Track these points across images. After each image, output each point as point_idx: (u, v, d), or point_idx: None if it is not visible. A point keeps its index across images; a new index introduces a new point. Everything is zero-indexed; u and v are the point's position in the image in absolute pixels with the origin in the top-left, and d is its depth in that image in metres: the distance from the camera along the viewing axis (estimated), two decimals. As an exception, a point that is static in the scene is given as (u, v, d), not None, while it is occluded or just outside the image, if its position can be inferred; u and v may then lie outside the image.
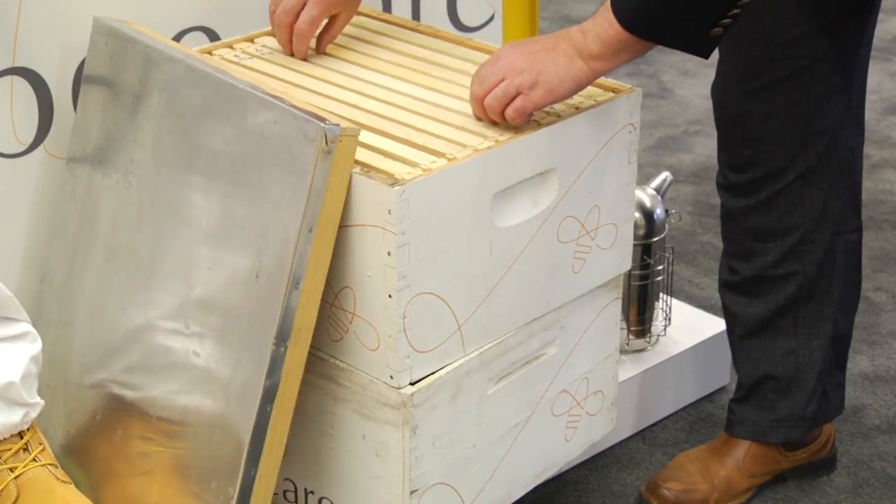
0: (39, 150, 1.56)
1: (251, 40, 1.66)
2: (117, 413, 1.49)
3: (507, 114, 1.39)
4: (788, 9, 1.57)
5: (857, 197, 1.71)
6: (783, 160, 1.64)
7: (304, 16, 1.57)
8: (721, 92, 1.68)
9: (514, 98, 1.38)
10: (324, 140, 1.28)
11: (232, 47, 1.64)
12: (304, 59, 1.60)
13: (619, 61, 1.38)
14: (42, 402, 1.46)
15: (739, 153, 1.67)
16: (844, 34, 1.59)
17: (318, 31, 1.61)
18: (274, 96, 1.34)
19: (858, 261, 1.74)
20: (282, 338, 1.32)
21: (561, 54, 1.38)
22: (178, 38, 1.65)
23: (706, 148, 2.85)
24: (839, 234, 1.69)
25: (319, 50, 1.62)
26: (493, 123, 1.41)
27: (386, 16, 1.73)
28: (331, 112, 1.42)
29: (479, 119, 1.43)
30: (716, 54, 1.62)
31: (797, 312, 1.72)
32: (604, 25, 1.36)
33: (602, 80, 1.50)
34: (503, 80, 1.38)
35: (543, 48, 1.39)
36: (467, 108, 1.45)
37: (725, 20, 1.35)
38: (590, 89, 1.50)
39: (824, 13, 1.57)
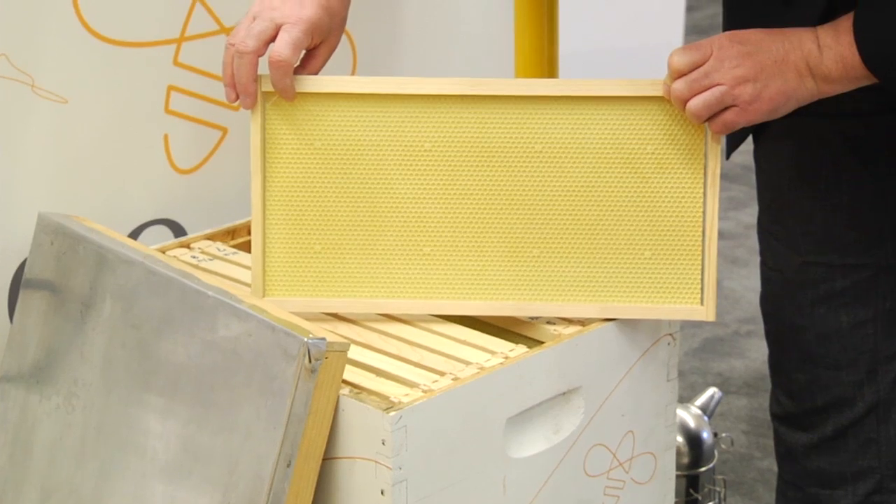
0: (-34, 368, 1.57)
1: (211, 238, 1.67)
2: None
3: (714, 126, 1.42)
4: (842, 206, 1.56)
5: None
6: (848, 389, 1.62)
7: (283, 38, 1.39)
8: (770, 303, 1.67)
9: (726, 108, 1.41)
10: (307, 357, 1.29)
11: (189, 247, 1.65)
12: (291, 99, 1.42)
13: (849, 88, 1.42)
14: None
15: (793, 377, 1.66)
16: None
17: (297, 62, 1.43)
18: (249, 305, 1.36)
19: None
20: None
21: (791, 69, 1.40)
22: (136, 232, 1.68)
23: (761, 352, 2.84)
24: None
25: (289, 97, 1.41)
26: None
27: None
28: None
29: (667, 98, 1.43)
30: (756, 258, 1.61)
31: None
32: (850, 48, 1.39)
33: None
34: (719, 85, 1.39)
35: (772, 59, 1.40)
36: (465, 314, 1.46)
37: None
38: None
39: (889, 211, 1.57)
